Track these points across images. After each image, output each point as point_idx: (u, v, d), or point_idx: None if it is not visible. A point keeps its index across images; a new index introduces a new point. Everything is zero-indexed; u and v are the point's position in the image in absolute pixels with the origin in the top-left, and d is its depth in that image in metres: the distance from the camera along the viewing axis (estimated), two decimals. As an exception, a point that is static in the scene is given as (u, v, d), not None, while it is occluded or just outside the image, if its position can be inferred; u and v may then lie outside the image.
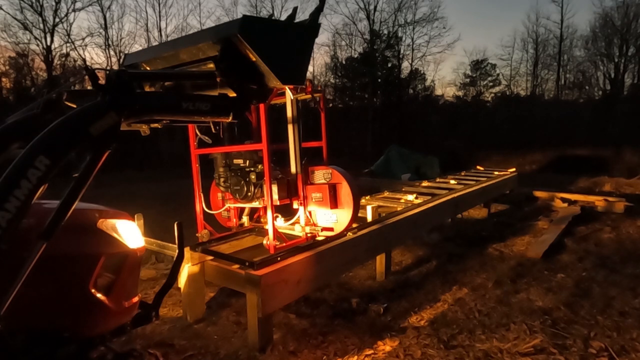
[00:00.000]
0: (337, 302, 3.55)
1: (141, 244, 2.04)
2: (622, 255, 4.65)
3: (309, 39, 2.32)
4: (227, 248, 3.48)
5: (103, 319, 1.88)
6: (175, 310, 3.44)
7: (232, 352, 2.77)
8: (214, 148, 3.30)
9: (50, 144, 1.38)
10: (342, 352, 2.74)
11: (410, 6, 28.22)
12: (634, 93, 23.93)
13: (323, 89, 3.59)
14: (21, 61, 19.96)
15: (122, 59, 6.49)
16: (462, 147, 19.21)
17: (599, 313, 3.21)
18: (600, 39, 25.15)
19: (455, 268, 4.36)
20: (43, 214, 1.48)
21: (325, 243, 3.20)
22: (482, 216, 7.03)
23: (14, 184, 1.28)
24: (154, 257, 4.66)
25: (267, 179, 2.99)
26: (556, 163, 15.96)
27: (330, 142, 3.58)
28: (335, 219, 3.24)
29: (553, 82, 27.04)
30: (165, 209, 7.13)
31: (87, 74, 1.61)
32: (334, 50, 26.68)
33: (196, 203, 3.44)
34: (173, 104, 1.83)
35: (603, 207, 7.10)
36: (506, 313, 3.26)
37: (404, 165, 12.60)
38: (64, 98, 1.84)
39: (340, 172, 3.20)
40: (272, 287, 2.67)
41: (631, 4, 23.36)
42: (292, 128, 3.23)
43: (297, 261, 2.87)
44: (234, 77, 2.01)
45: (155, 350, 2.71)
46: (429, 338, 2.88)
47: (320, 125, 3.56)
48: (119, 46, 22.21)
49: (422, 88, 28.34)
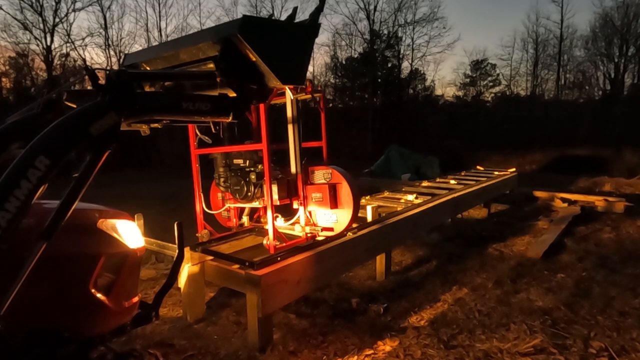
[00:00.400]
0: (337, 302, 3.55)
1: (141, 244, 2.04)
2: (622, 255, 4.65)
3: (309, 39, 2.32)
4: (227, 248, 3.49)
5: (103, 319, 1.88)
6: (175, 310, 3.44)
7: (232, 352, 2.77)
8: (214, 148, 3.30)
9: (50, 144, 1.38)
10: (342, 352, 2.74)
11: (410, 6, 28.27)
12: (634, 93, 23.93)
13: (323, 89, 3.59)
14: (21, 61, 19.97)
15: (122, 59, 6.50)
16: (462, 147, 19.21)
17: (599, 313, 3.21)
18: (600, 39, 25.20)
19: (455, 268, 4.36)
20: (43, 214, 1.48)
21: (325, 243, 3.20)
22: (482, 216, 7.02)
23: (14, 184, 1.28)
24: (154, 257, 4.66)
25: (267, 179, 2.98)
26: (556, 163, 15.95)
27: (330, 142, 3.58)
28: (335, 219, 3.24)
29: (553, 82, 27.09)
30: (165, 209, 7.13)
31: (87, 74, 1.61)
32: (334, 50, 26.72)
33: (196, 203, 3.44)
34: (173, 104, 1.84)
35: (603, 207, 7.10)
36: (506, 313, 3.26)
37: (404, 165, 12.59)
38: (64, 98, 1.84)
39: (340, 172, 3.20)
40: (272, 287, 2.67)
41: (631, 4, 23.41)
42: (292, 128, 3.23)
43: (297, 261, 2.87)
44: (234, 77, 2.01)
45: (155, 350, 2.71)
46: (429, 338, 2.88)
47: (320, 125, 3.56)
48: (119, 46, 22.22)
49: (422, 88, 28.40)
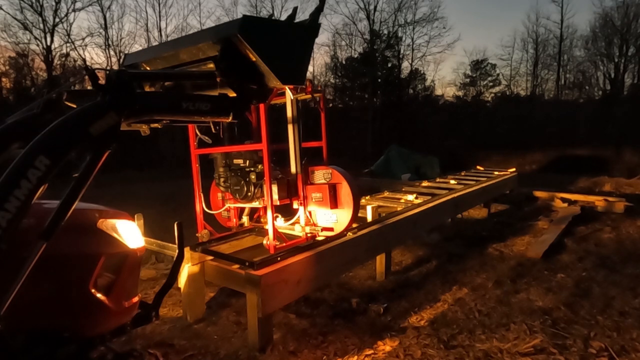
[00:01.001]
0: (337, 302, 3.55)
1: (141, 244, 2.04)
2: (622, 255, 4.64)
3: (309, 39, 2.32)
4: (227, 248, 3.49)
5: (103, 319, 1.88)
6: (175, 310, 3.44)
7: (232, 352, 2.77)
8: (214, 148, 3.30)
9: (50, 144, 1.38)
10: (342, 352, 2.74)
11: (410, 6, 28.23)
12: (634, 93, 23.93)
13: (323, 89, 3.59)
14: (21, 61, 19.98)
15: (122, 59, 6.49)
16: (462, 147, 19.24)
17: (599, 313, 3.21)
18: (600, 39, 25.17)
19: (455, 268, 4.36)
20: (43, 214, 1.48)
21: (325, 243, 3.20)
22: (482, 216, 7.02)
23: (14, 184, 1.28)
24: (154, 257, 4.66)
25: (267, 179, 2.98)
26: (556, 163, 15.96)
27: (330, 142, 3.58)
28: (335, 219, 3.24)
29: (553, 82, 27.08)
30: (165, 209, 7.13)
31: (87, 74, 1.61)
32: (334, 50, 26.71)
33: (196, 203, 3.44)
34: (173, 104, 1.84)
35: (603, 207, 7.10)
36: (506, 313, 3.26)
37: (404, 165, 12.60)
38: (64, 98, 1.84)
39: (340, 172, 3.20)
40: (272, 287, 2.67)
41: (631, 4, 23.38)
42: (292, 128, 3.23)
43: (297, 261, 2.87)
44: (234, 77, 2.01)
45: (155, 350, 2.71)
46: (429, 338, 2.88)
47: (320, 125, 3.56)
48: (119, 46, 22.23)
49: (422, 88, 28.37)
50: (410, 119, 24.57)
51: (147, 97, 1.88)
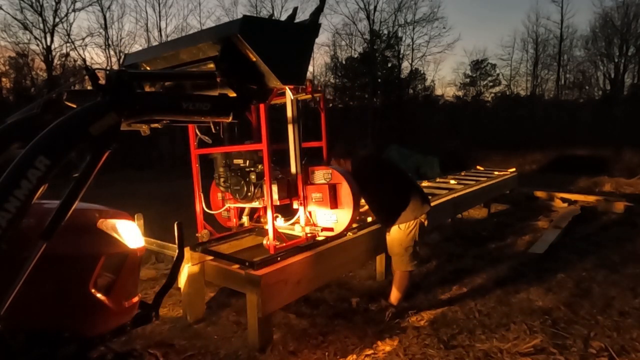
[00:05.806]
0: (337, 302, 3.55)
1: (141, 244, 2.04)
2: (622, 255, 4.65)
3: (309, 39, 2.32)
4: (227, 248, 3.48)
5: (103, 319, 1.88)
6: (175, 310, 3.44)
7: (232, 352, 2.77)
8: (214, 148, 3.30)
9: (50, 144, 1.38)
10: (342, 352, 2.74)
11: (410, 6, 28.16)
12: (634, 93, 23.93)
13: (323, 89, 3.59)
14: (21, 61, 20.01)
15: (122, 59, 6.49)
16: (462, 147, 19.19)
17: (599, 313, 3.21)
18: (600, 39, 25.17)
19: (455, 268, 4.36)
20: (43, 214, 1.48)
21: (325, 243, 3.20)
22: (482, 216, 7.03)
23: (14, 184, 1.28)
24: (154, 257, 4.66)
25: (267, 179, 2.98)
26: (556, 163, 15.94)
27: (330, 142, 3.58)
28: (335, 219, 3.23)
29: (553, 82, 27.05)
30: (165, 209, 7.12)
31: (87, 74, 1.61)
32: (334, 50, 26.70)
33: (196, 203, 3.44)
34: (173, 104, 1.83)
35: (603, 207, 7.10)
36: (506, 313, 3.26)
37: (404, 165, 12.60)
38: (64, 98, 1.84)
39: (340, 172, 3.19)
40: (272, 287, 2.67)
41: (631, 4, 23.38)
42: (292, 128, 3.22)
43: (297, 261, 2.87)
44: (234, 77, 2.01)
45: (155, 350, 2.71)
46: (429, 338, 2.88)
47: (320, 125, 3.55)
48: (119, 46, 22.26)
49: (422, 88, 28.37)
50: (410, 119, 24.55)
51: (147, 97, 1.88)
